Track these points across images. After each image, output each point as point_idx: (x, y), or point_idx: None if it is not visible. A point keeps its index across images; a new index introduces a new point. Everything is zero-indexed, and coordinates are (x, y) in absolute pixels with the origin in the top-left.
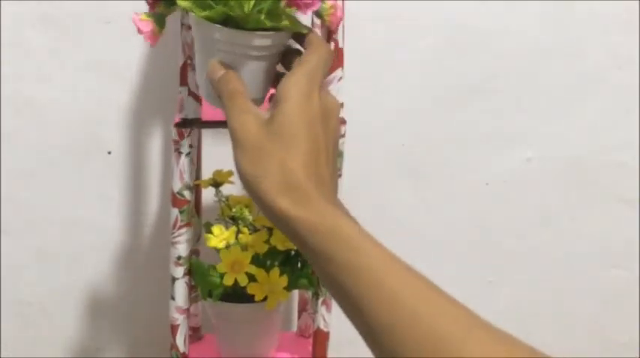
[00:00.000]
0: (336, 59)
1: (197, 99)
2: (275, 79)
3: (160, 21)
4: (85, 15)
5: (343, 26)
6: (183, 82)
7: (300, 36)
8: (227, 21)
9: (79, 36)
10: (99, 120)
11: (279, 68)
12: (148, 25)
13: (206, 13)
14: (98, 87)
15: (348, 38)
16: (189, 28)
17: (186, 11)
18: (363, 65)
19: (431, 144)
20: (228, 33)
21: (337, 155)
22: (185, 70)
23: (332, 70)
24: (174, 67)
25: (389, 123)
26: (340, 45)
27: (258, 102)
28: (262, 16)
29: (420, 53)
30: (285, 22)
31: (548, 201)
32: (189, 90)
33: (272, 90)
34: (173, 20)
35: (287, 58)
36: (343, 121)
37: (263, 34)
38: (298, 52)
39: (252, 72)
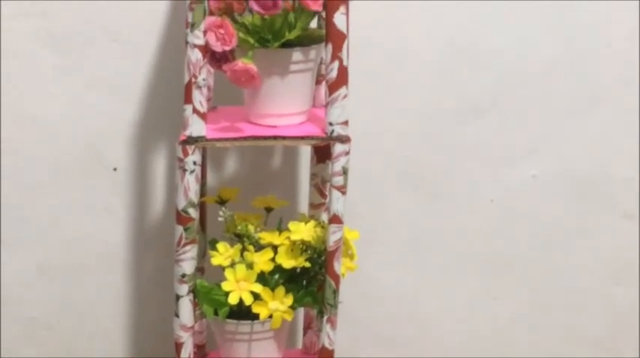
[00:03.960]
0: (341, 77)
1: (202, 116)
2: None
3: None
4: (90, 32)
5: (348, 45)
6: (188, 99)
7: None
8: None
9: (85, 53)
10: (104, 137)
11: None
12: (254, 67)
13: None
14: (104, 104)
15: (353, 57)
16: (194, 46)
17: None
18: (368, 83)
19: (436, 160)
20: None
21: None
22: (190, 87)
23: (337, 87)
24: (179, 84)
25: (394, 140)
26: (345, 63)
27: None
28: None
29: (424, 71)
30: None
31: (552, 217)
32: (194, 107)
33: None
34: (178, 38)
35: None
36: (348, 139)
37: None
38: None
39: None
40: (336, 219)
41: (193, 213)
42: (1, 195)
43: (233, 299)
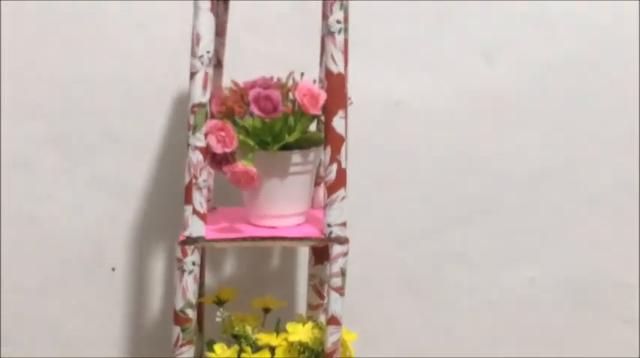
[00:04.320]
0: (340, 179)
1: (202, 217)
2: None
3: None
4: (91, 133)
5: (346, 148)
6: (188, 200)
7: None
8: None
9: (85, 154)
10: (103, 237)
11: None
12: (254, 169)
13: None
14: (103, 204)
15: (351, 158)
16: (196, 148)
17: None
18: (366, 184)
19: (434, 262)
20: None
21: None
22: (190, 188)
23: (335, 189)
24: (180, 185)
25: (392, 242)
26: (343, 166)
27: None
28: None
29: (422, 173)
30: None
31: (550, 320)
32: (194, 208)
33: None
34: (180, 140)
35: None
36: (346, 240)
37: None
38: None
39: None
40: (334, 321)
41: (191, 313)
42: (1, 295)
43: None
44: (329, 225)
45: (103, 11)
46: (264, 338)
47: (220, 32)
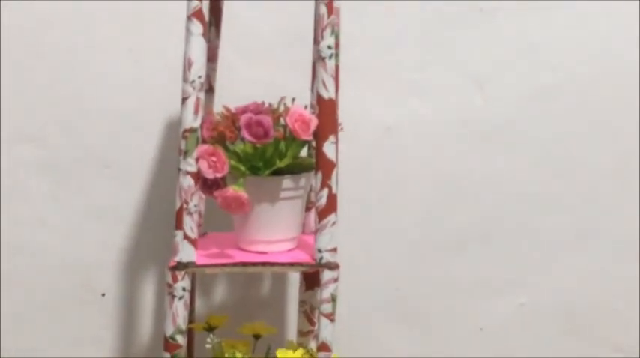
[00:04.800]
0: (331, 204)
1: (192, 242)
2: None
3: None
4: (84, 160)
5: (337, 173)
6: (179, 225)
7: None
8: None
9: (78, 180)
10: (94, 262)
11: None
12: (245, 194)
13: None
14: (94, 229)
15: (342, 184)
16: (187, 173)
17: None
18: (356, 209)
19: (425, 288)
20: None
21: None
22: (181, 214)
23: (326, 214)
24: (170, 210)
25: (383, 268)
26: (334, 191)
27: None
28: None
29: (412, 198)
30: None
31: (542, 346)
32: (184, 233)
33: None
34: (171, 165)
35: None
36: (336, 265)
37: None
38: None
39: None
40: (324, 347)
41: (181, 339)
42: None
43: None
44: (319, 251)
45: (93, 37)
46: None
47: (212, 57)
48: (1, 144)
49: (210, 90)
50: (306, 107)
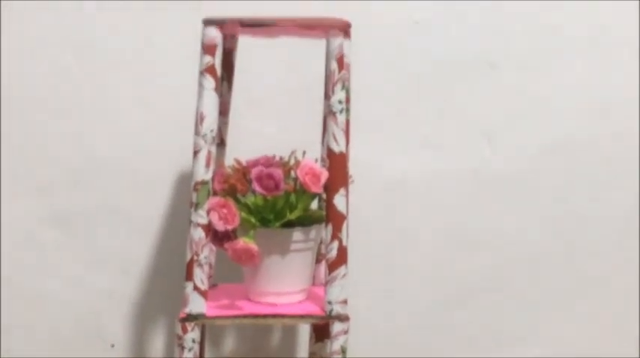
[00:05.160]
0: (341, 257)
1: (202, 294)
2: None
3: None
4: (92, 209)
5: (347, 226)
6: (189, 277)
7: None
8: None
9: (87, 229)
10: (104, 312)
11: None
12: (255, 246)
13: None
14: (104, 280)
15: (352, 236)
16: (198, 225)
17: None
18: (367, 262)
19: (435, 340)
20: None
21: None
22: (191, 265)
23: (336, 266)
24: (181, 261)
25: (393, 320)
26: (344, 243)
27: None
28: None
29: (423, 251)
30: None
31: None
32: (194, 285)
33: None
34: (182, 216)
35: None
36: (346, 318)
37: None
38: None
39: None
40: None
41: None
42: None
43: None
44: (330, 303)
45: (105, 87)
46: None
47: (224, 111)
48: (12, 193)
49: (221, 143)
50: (316, 160)
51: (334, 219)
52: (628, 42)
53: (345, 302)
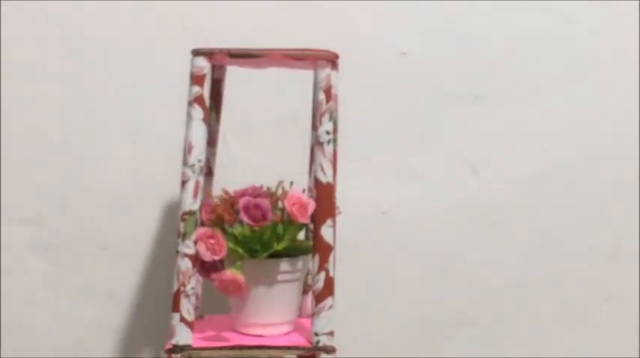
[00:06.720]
0: (328, 288)
1: (189, 325)
2: None
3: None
4: (81, 241)
5: (334, 257)
6: (176, 308)
7: None
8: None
9: (75, 261)
10: (90, 344)
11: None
12: (242, 277)
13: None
14: (91, 310)
15: (339, 267)
16: (185, 255)
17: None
18: (353, 292)
19: None
20: None
21: None
22: (178, 296)
23: (323, 298)
24: (167, 292)
25: (378, 351)
26: (331, 274)
27: None
28: None
29: (409, 282)
30: None
31: None
32: (181, 316)
33: None
34: (169, 247)
35: None
36: (333, 349)
37: None
38: None
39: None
40: None
41: None
42: None
43: None
44: (316, 334)
45: (93, 119)
46: None
47: (212, 142)
48: (0, 225)
49: (209, 173)
50: (304, 191)
51: (321, 249)
52: (616, 73)
53: (331, 333)
